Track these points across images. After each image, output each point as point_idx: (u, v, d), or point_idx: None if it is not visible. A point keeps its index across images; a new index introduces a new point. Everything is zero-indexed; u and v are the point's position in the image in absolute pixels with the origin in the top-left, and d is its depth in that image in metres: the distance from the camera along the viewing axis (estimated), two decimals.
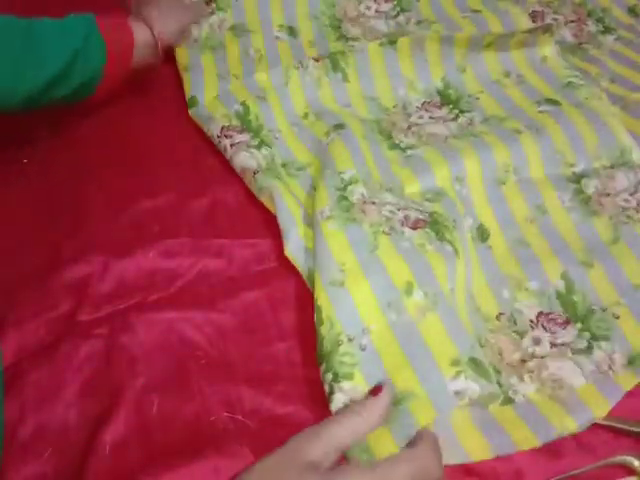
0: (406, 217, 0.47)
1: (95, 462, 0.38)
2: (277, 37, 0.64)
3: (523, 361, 0.43)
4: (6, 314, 0.44)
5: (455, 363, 0.39)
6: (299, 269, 0.47)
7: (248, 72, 0.60)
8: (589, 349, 0.43)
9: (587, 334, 0.44)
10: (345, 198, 0.48)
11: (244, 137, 0.54)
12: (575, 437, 0.40)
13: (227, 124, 0.55)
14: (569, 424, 0.39)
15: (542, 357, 0.43)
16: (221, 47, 0.63)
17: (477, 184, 0.52)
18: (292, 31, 0.65)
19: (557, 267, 0.47)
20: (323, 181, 0.49)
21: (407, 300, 0.42)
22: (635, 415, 0.41)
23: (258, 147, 0.54)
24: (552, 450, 0.39)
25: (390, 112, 0.59)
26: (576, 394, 0.40)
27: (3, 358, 0.42)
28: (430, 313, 0.41)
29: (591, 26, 0.67)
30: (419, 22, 0.66)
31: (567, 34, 0.66)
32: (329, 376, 0.40)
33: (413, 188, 0.51)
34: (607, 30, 0.67)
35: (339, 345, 0.40)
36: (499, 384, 0.41)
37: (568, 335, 0.44)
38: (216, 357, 0.44)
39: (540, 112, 0.56)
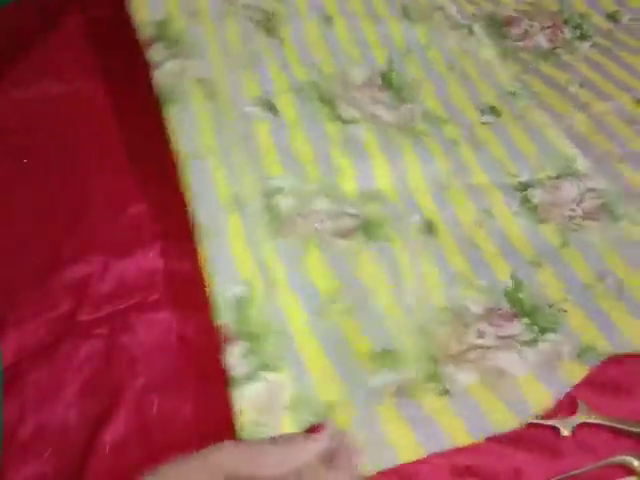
0: (337, 227, 0.47)
1: (95, 462, 0.38)
2: None
3: (466, 351, 0.42)
4: (6, 314, 0.44)
5: (373, 358, 0.40)
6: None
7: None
8: (535, 341, 0.43)
9: (535, 327, 0.44)
10: (272, 209, 0.47)
11: (157, 46, 0.52)
12: (575, 437, 0.40)
13: (143, 35, 0.53)
14: (509, 420, 0.38)
15: (486, 348, 0.42)
16: None
17: (421, 188, 0.51)
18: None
19: (506, 267, 0.47)
20: (251, 178, 0.48)
21: (331, 307, 0.43)
22: (635, 415, 0.41)
23: (166, 59, 0.51)
24: (552, 450, 0.39)
25: (330, 78, 0.57)
26: (518, 387, 0.40)
27: (3, 358, 0.42)
28: (350, 318, 0.42)
29: (567, 32, 0.67)
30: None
31: (542, 40, 0.66)
32: (254, 360, 0.39)
33: (350, 185, 0.50)
34: (583, 37, 0.67)
35: (268, 334, 0.40)
36: (437, 375, 0.41)
37: (514, 328, 0.44)
38: (216, 357, 0.43)
39: (483, 123, 0.56)
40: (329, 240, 0.46)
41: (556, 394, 0.39)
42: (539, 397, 0.39)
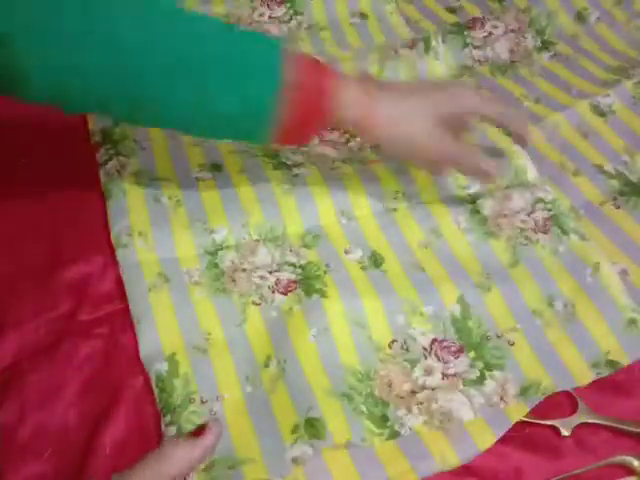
0: (278, 281, 0.47)
1: (95, 462, 0.38)
2: None
3: (413, 392, 0.42)
4: (6, 314, 0.44)
5: (295, 430, 0.39)
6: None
7: None
8: (481, 379, 0.42)
9: (480, 363, 0.43)
10: (215, 265, 0.47)
11: (103, 150, 0.53)
12: (575, 437, 0.40)
13: (94, 139, 0.55)
14: (451, 458, 0.38)
15: (432, 389, 0.42)
16: None
17: (366, 215, 0.51)
18: None
19: (453, 291, 0.46)
20: (190, 234, 0.48)
21: (264, 372, 0.42)
22: (635, 415, 0.41)
23: (108, 160, 0.53)
24: (552, 450, 0.39)
25: None
26: (464, 429, 0.39)
27: (3, 358, 0.42)
28: (279, 382, 0.42)
29: (529, 40, 0.66)
30: (309, 27, 0.68)
31: (502, 49, 0.65)
32: (173, 430, 0.40)
33: (295, 228, 0.50)
34: (545, 46, 0.66)
35: (190, 403, 0.41)
36: (386, 418, 0.40)
37: (461, 365, 0.43)
38: None
39: None
40: (268, 297, 0.46)
41: (500, 433, 0.39)
42: (485, 438, 0.39)
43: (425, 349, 0.44)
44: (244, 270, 0.47)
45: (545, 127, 0.57)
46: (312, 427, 0.39)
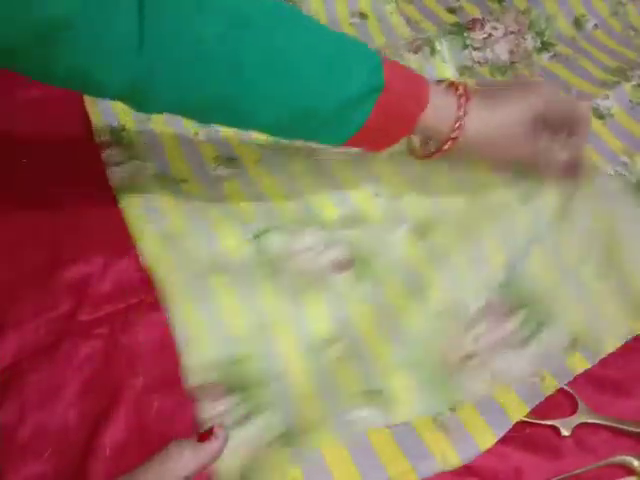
0: (332, 261, 0.47)
1: (95, 462, 0.38)
2: None
3: (468, 357, 0.43)
4: (6, 314, 0.44)
5: (361, 395, 0.41)
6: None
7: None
8: (530, 338, 0.44)
9: (530, 322, 0.44)
10: (263, 251, 0.48)
11: (111, 152, 0.54)
12: (575, 437, 0.40)
13: (99, 138, 0.55)
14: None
15: (485, 352, 0.43)
16: None
17: (401, 189, 0.51)
18: None
19: (499, 255, 0.47)
20: (231, 227, 0.49)
21: (327, 349, 0.43)
22: (635, 415, 0.41)
23: (123, 162, 0.53)
24: (552, 450, 0.39)
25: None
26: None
27: (3, 358, 0.42)
28: (345, 361, 0.43)
29: (529, 41, 0.67)
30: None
31: (502, 50, 0.66)
32: (244, 406, 0.40)
33: (330, 214, 0.50)
34: (544, 46, 0.66)
35: (259, 382, 0.41)
36: (447, 384, 0.42)
37: (510, 326, 0.44)
38: None
39: None
40: (325, 278, 0.47)
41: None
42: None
43: (477, 313, 0.45)
44: (293, 254, 0.47)
45: None
46: (381, 398, 0.41)
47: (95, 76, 0.37)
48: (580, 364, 0.42)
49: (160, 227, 0.49)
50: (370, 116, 0.42)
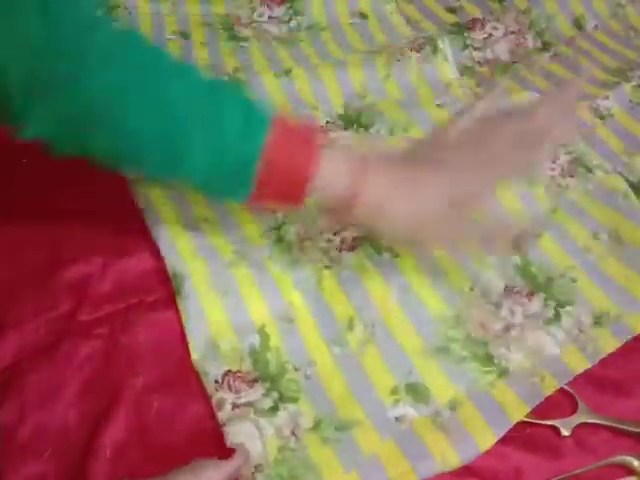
0: (342, 240, 0.48)
1: (95, 462, 0.38)
2: (169, 39, 0.65)
3: (506, 329, 0.44)
4: (6, 314, 0.44)
5: (394, 392, 0.41)
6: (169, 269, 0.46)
7: None
8: (557, 316, 0.45)
9: (552, 302, 0.46)
10: (282, 239, 0.49)
11: None
12: (575, 437, 0.40)
13: None
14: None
15: (521, 327, 0.44)
16: None
17: None
18: (185, 35, 0.66)
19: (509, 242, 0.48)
20: (251, 216, 0.50)
21: (349, 335, 0.44)
22: (635, 415, 0.41)
23: None
24: (552, 450, 0.39)
25: None
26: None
27: (3, 358, 0.42)
28: (369, 345, 0.43)
29: (530, 41, 0.67)
30: (309, 27, 0.68)
31: (502, 50, 0.66)
32: (275, 394, 0.41)
33: None
34: (545, 46, 0.66)
35: (285, 372, 0.42)
36: (490, 356, 0.43)
37: (535, 306, 0.45)
38: None
39: (438, 106, 0.58)
40: (337, 258, 0.48)
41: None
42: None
43: (502, 294, 0.46)
44: (310, 239, 0.48)
45: None
46: (414, 392, 0.41)
47: None
48: (580, 364, 0.42)
49: (185, 216, 0.49)
50: (257, 181, 0.39)
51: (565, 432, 0.40)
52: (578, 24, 0.69)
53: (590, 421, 0.40)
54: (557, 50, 0.66)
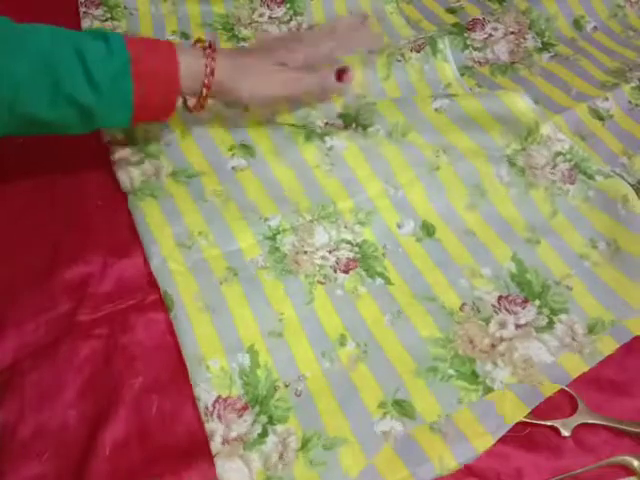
0: (338, 260, 0.48)
1: (95, 462, 0.38)
2: (169, 40, 0.65)
3: (493, 346, 0.44)
4: (6, 314, 0.44)
5: (382, 405, 0.41)
6: (160, 288, 0.46)
7: None
8: (550, 324, 0.45)
9: (546, 310, 0.46)
10: (277, 249, 0.48)
11: (125, 153, 0.53)
12: (575, 437, 0.40)
13: (112, 137, 0.54)
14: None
15: (510, 339, 0.44)
16: None
17: (411, 179, 0.52)
18: (185, 35, 0.66)
19: (506, 251, 0.49)
20: (246, 225, 0.49)
21: (340, 350, 0.44)
22: (635, 415, 0.41)
23: (140, 162, 0.53)
24: (552, 450, 0.39)
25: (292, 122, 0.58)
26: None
27: (3, 358, 0.42)
28: (361, 363, 0.43)
29: (529, 41, 0.66)
30: (310, 27, 0.68)
31: (502, 51, 0.65)
32: (263, 419, 0.41)
33: (345, 203, 0.51)
34: (545, 47, 0.66)
35: (275, 390, 0.42)
36: (476, 374, 0.42)
37: (529, 314, 0.45)
38: None
39: (436, 110, 0.56)
40: (331, 276, 0.47)
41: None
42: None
43: (494, 306, 0.46)
44: (305, 252, 0.48)
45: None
46: (401, 407, 0.41)
47: None
48: (578, 367, 0.42)
49: (178, 230, 0.49)
50: (134, 94, 0.44)
51: (565, 432, 0.40)
52: (578, 25, 0.69)
53: (590, 421, 0.40)
54: (557, 50, 0.66)
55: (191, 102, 0.50)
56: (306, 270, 0.48)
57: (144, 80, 0.45)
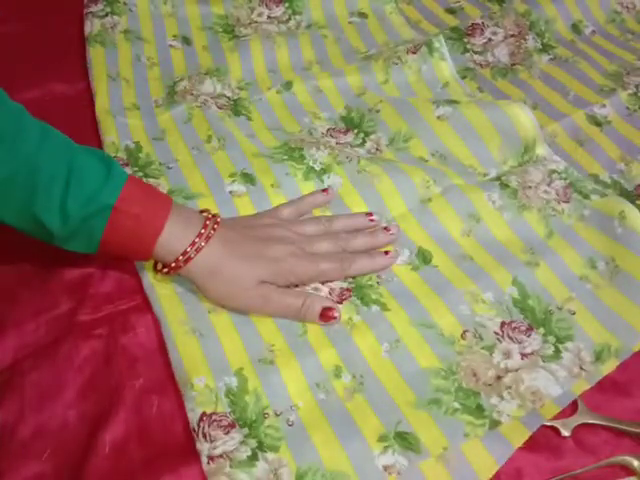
0: (331, 290, 0.46)
1: (95, 462, 0.38)
2: (171, 45, 0.66)
3: (499, 377, 0.42)
4: (6, 314, 0.44)
5: (382, 439, 0.39)
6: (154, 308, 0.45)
7: (139, 78, 0.62)
8: (557, 353, 0.43)
9: (552, 338, 0.44)
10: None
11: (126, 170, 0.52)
12: (575, 437, 0.40)
13: (113, 154, 0.54)
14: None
15: (516, 370, 0.42)
16: (112, 46, 0.64)
17: (402, 213, 0.51)
18: (186, 40, 0.67)
19: (506, 274, 0.47)
20: None
21: (335, 382, 0.42)
22: (635, 415, 0.41)
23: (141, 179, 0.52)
24: (552, 450, 0.39)
25: (296, 134, 0.58)
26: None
27: (3, 358, 0.42)
28: (357, 394, 0.41)
29: (530, 41, 0.67)
30: (309, 26, 0.69)
31: (502, 53, 0.66)
32: (253, 442, 0.39)
33: None
34: (545, 48, 0.67)
35: (265, 418, 0.40)
36: (482, 408, 0.40)
37: (535, 342, 0.43)
38: None
39: (438, 118, 0.56)
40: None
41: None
42: (580, 386, 0.40)
43: (497, 333, 0.44)
44: (297, 286, 0.46)
45: (544, 136, 0.57)
46: (404, 440, 0.39)
47: None
48: (581, 386, 0.41)
49: None
50: (104, 234, 0.41)
51: (565, 432, 0.40)
52: (576, 29, 0.69)
53: (590, 421, 0.40)
54: (556, 53, 0.66)
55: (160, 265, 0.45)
56: None
57: (118, 232, 0.41)
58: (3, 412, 0.40)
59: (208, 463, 0.38)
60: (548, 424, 0.40)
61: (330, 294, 0.46)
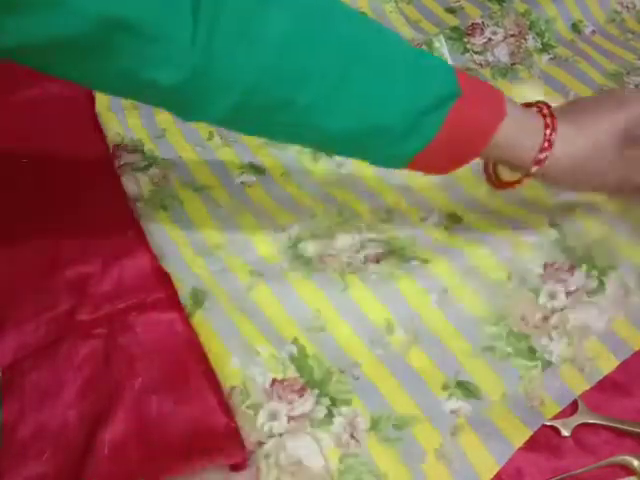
0: (366, 256, 0.47)
1: (95, 462, 0.38)
2: None
3: (546, 318, 0.43)
4: (6, 314, 0.44)
5: (445, 387, 0.41)
6: (178, 290, 0.45)
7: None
8: (601, 285, 0.44)
9: (595, 272, 0.45)
10: (300, 255, 0.47)
11: (132, 157, 0.53)
12: (575, 437, 0.40)
13: (119, 142, 0.54)
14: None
15: (561, 310, 0.43)
16: None
17: (421, 181, 0.51)
18: None
19: (544, 218, 0.48)
20: (266, 235, 0.49)
21: (390, 337, 0.43)
22: (635, 415, 0.41)
23: (146, 168, 0.53)
24: (552, 450, 0.39)
25: None
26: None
27: (3, 358, 0.42)
28: (414, 347, 0.43)
29: (530, 41, 0.67)
30: None
31: (502, 53, 0.66)
32: (326, 400, 0.40)
33: (364, 207, 0.51)
34: (545, 48, 0.67)
35: (331, 375, 0.41)
36: (533, 349, 0.42)
37: (578, 280, 0.45)
38: None
39: None
40: (364, 267, 0.46)
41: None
42: (580, 386, 0.41)
43: (541, 275, 0.45)
44: (330, 255, 0.47)
45: None
46: (466, 389, 0.41)
47: (145, 79, 0.33)
48: (580, 386, 0.41)
49: (195, 244, 0.48)
50: (442, 127, 0.36)
51: (565, 432, 0.40)
52: (576, 28, 0.69)
53: (590, 421, 0.40)
54: (556, 52, 0.66)
55: (505, 174, 0.41)
56: (334, 266, 0.46)
57: (458, 122, 0.36)
58: (3, 412, 0.40)
59: (289, 422, 0.39)
60: (548, 424, 0.40)
61: (366, 258, 0.46)
